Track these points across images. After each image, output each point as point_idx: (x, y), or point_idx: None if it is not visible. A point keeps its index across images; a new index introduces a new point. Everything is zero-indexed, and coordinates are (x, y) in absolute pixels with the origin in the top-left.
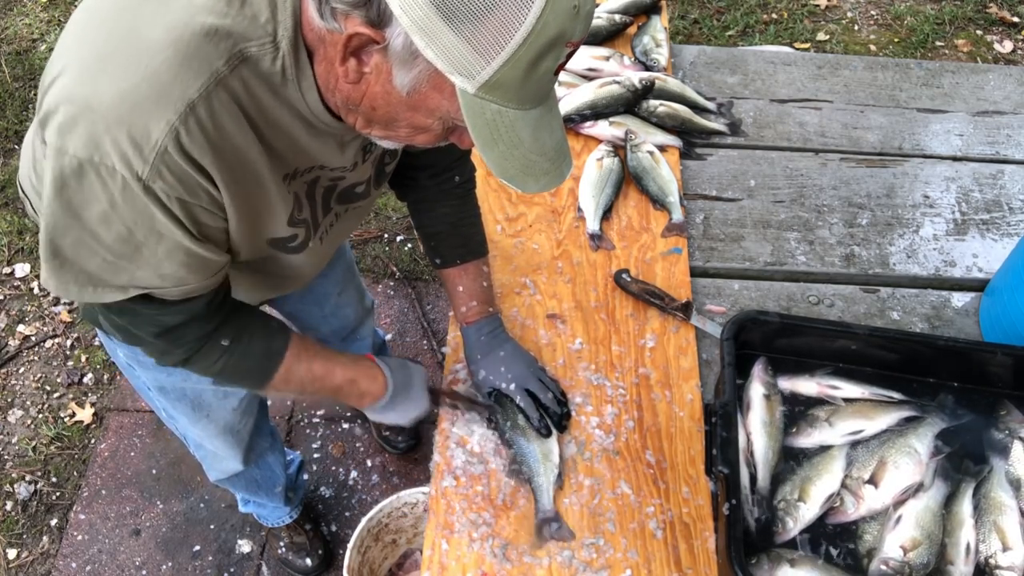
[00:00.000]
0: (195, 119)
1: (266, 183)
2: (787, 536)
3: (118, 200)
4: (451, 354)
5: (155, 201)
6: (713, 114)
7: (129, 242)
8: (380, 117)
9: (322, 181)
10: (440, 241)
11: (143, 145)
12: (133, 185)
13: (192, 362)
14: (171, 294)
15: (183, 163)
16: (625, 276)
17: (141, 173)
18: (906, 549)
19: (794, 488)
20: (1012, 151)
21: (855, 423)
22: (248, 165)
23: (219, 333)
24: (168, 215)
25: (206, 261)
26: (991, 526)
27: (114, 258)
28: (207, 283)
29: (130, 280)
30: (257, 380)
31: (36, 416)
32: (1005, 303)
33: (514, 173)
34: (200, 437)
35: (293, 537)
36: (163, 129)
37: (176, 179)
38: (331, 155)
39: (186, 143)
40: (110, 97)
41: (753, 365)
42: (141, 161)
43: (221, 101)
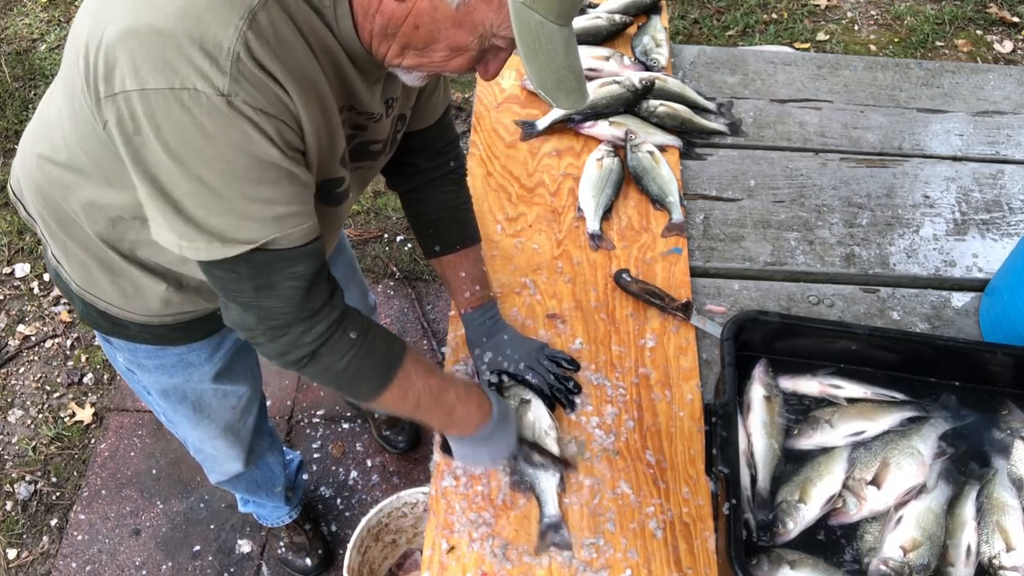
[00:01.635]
0: (259, 26)
1: (330, 111)
2: (787, 537)
3: (209, 127)
4: (451, 354)
5: (242, 117)
6: (713, 114)
7: (234, 180)
8: (420, 37)
9: (346, 127)
10: (440, 228)
11: (217, 56)
12: (218, 103)
13: (319, 356)
14: (294, 237)
15: (257, 70)
16: (625, 276)
17: (223, 87)
18: (906, 550)
19: (795, 489)
20: (1012, 151)
21: (857, 424)
22: (314, 86)
23: (347, 324)
24: (260, 133)
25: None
26: (994, 526)
27: (228, 206)
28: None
29: (251, 233)
30: (376, 385)
31: (36, 416)
32: (1005, 303)
33: (550, 86)
34: (200, 440)
35: (293, 537)
36: (232, 35)
37: (256, 88)
38: (364, 95)
39: (255, 49)
40: (173, 15)
41: (753, 365)
42: (219, 73)
43: (279, 12)
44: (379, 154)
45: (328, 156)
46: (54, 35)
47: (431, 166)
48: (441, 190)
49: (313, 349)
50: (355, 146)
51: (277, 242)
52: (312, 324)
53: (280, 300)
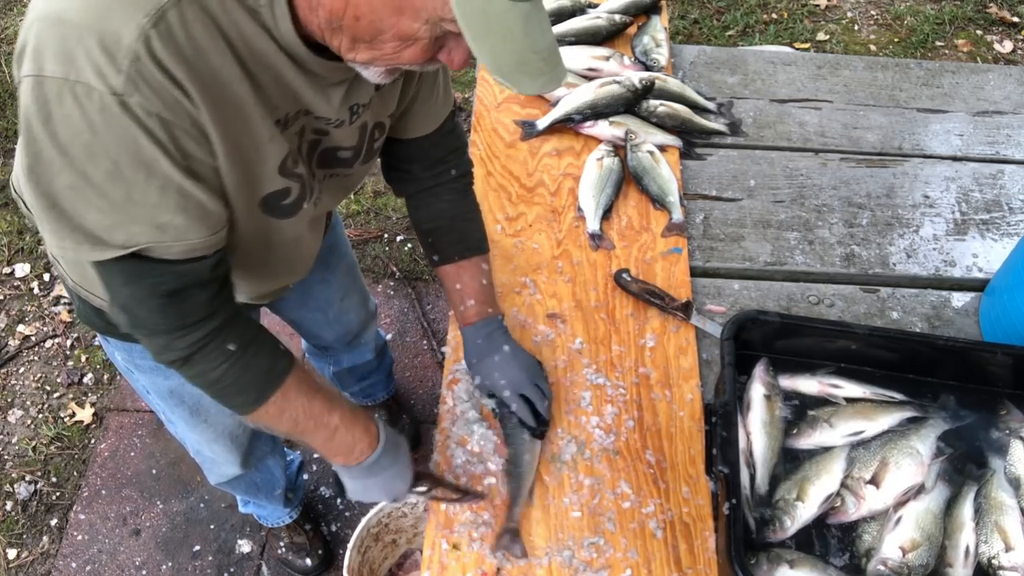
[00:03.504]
0: (166, 25)
1: (253, 120)
2: (784, 535)
3: (98, 124)
4: (451, 354)
5: (135, 120)
6: (713, 114)
7: (119, 180)
8: (364, 28)
9: (306, 134)
10: (438, 237)
11: (115, 52)
12: (110, 103)
13: (192, 362)
14: (173, 251)
15: (158, 73)
16: (625, 276)
17: (117, 87)
18: (905, 550)
19: (793, 488)
20: (1012, 151)
21: (856, 424)
22: (230, 94)
23: (226, 335)
24: (150, 137)
25: (204, 208)
26: (992, 526)
27: (108, 205)
28: (209, 240)
29: (127, 237)
30: (252, 399)
31: (36, 416)
32: (1005, 303)
33: (508, 70)
34: (198, 442)
35: (293, 537)
36: (134, 33)
37: (153, 91)
38: (316, 100)
39: (158, 49)
40: (81, 6)
41: (754, 365)
42: (115, 71)
43: (194, 13)
44: (353, 161)
45: (254, 166)
46: None
47: (428, 175)
48: (440, 199)
49: (186, 355)
50: (322, 152)
51: (152, 251)
52: (186, 332)
53: (150, 312)
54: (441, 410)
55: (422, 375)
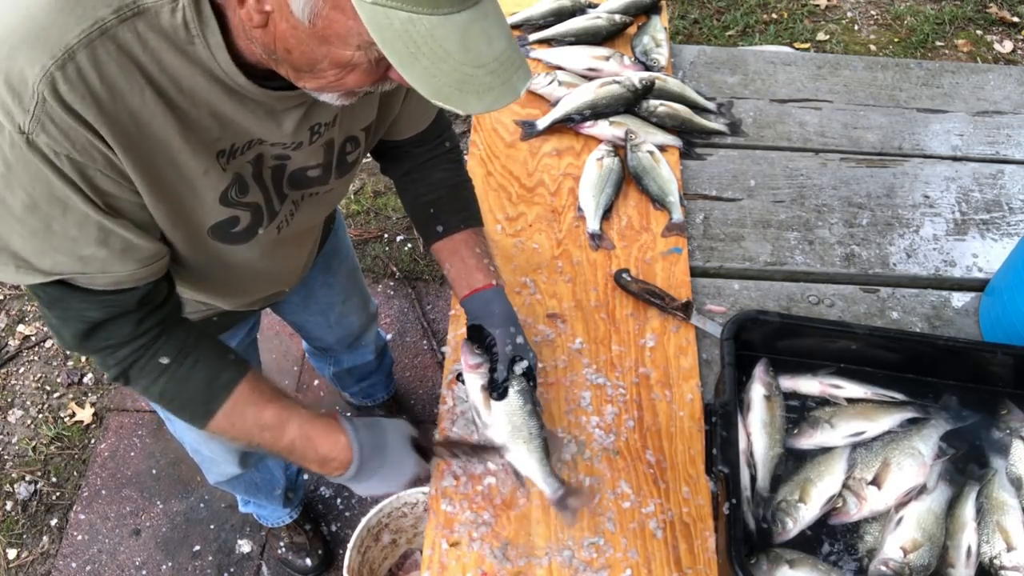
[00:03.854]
0: (75, 67)
1: (180, 156)
2: (786, 536)
3: (11, 161)
4: (451, 354)
5: (43, 160)
6: (713, 114)
7: (36, 213)
8: (299, 60)
9: (267, 161)
10: (440, 206)
11: (22, 92)
12: (18, 141)
13: (132, 379)
14: (97, 281)
15: (65, 115)
16: (625, 276)
17: (23, 125)
18: (906, 550)
19: (794, 489)
20: (1012, 151)
21: (857, 424)
22: (150, 133)
23: (157, 348)
24: (61, 177)
25: (128, 243)
26: (994, 526)
27: (30, 234)
28: (137, 273)
29: (52, 265)
30: (199, 413)
31: (36, 416)
32: (1005, 303)
33: (448, 91)
34: (196, 440)
35: (293, 537)
36: (38, 74)
37: (61, 133)
38: (266, 128)
39: (64, 91)
40: None
41: (754, 365)
42: (22, 111)
43: (109, 53)
44: (326, 177)
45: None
46: None
47: (423, 150)
48: (438, 169)
49: (121, 371)
50: (291, 175)
51: (77, 280)
52: (115, 350)
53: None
54: (441, 410)
55: (422, 375)
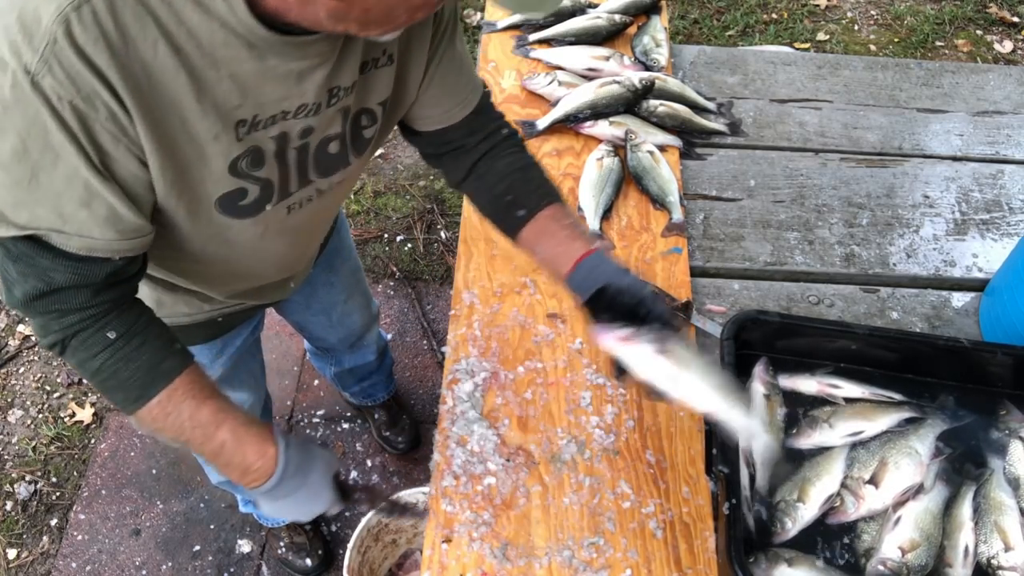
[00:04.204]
0: (90, 9)
1: (191, 117)
2: (785, 536)
3: (8, 99)
4: (451, 354)
5: (45, 102)
6: (713, 114)
7: (25, 160)
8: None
9: (292, 139)
10: (517, 190)
11: (34, 31)
12: (22, 80)
13: (70, 349)
14: (72, 244)
15: (75, 58)
16: None
17: (30, 65)
18: (904, 550)
19: (793, 488)
20: (1012, 151)
21: (855, 424)
22: (162, 88)
23: (107, 321)
24: (61, 125)
25: (112, 210)
26: (992, 526)
27: (12, 183)
28: (114, 244)
29: (29, 219)
30: (132, 397)
31: (36, 416)
32: (1005, 303)
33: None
34: None
35: (293, 537)
36: (53, 13)
37: (68, 77)
38: (287, 88)
39: (78, 33)
40: None
41: (754, 365)
42: (31, 50)
43: (126, 2)
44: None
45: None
46: None
47: (480, 140)
48: (502, 156)
49: (61, 339)
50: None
51: (51, 238)
52: (62, 315)
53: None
54: (441, 410)
55: (422, 375)
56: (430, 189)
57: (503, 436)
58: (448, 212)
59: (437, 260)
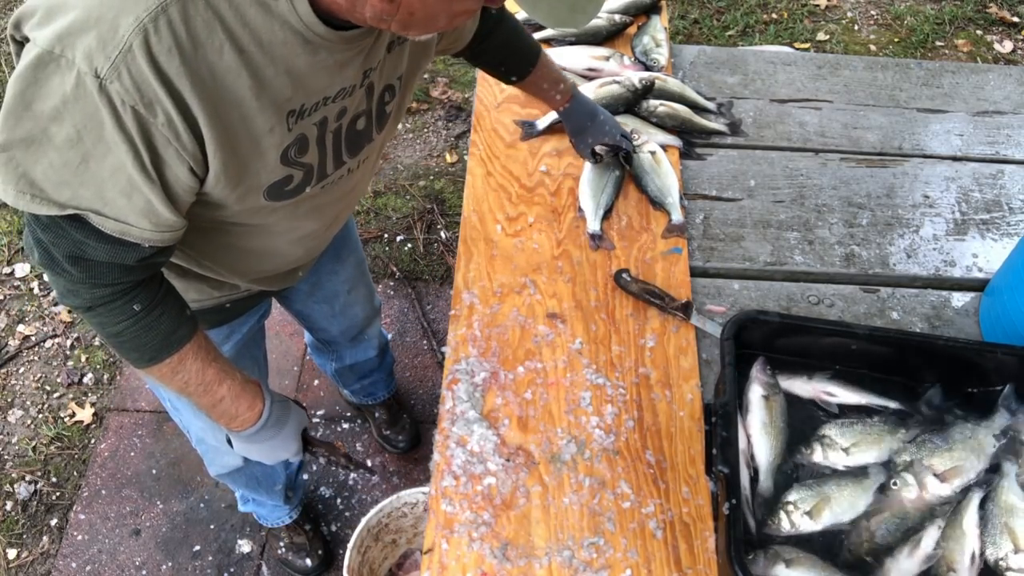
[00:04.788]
0: (167, 20)
1: (251, 113)
2: (776, 534)
3: (70, 97)
4: (451, 354)
5: (108, 104)
6: (713, 114)
7: (77, 148)
8: (417, 21)
9: (330, 123)
10: (507, 64)
11: (108, 40)
12: (89, 82)
13: (94, 312)
14: (108, 226)
15: (146, 67)
16: (625, 276)
17: (100, 70)
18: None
19: (810, 500)
20: (1012, 151)
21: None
22: (225, 88)
23: (134, 295)
24: (118, 125)
25: (150, 206)
26: (1002, 528)
27: (61, 164)
28: (148, 235)
29: (71, 197)
30: (146, 357)
31: (36, 416)
32: (1005, 303)
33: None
34: (202, 430)
35: (293, 537)
36: (131, 24)
37: (135, 84)
38: (331, 77)
39: (154, 44)
40: None
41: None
42: (103, 57)
43: (197, 9)
44: (369, 135)
45: (252, 159)
46: None
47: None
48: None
49: (89, 305)
50: (347, 136)
51: (90, 218)
52: (92, 287)
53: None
54: (441, 410)
55: (422, 375)
56: (430, 189)
57: (503, 436)
58: (448, 212)
59: (437, 260)
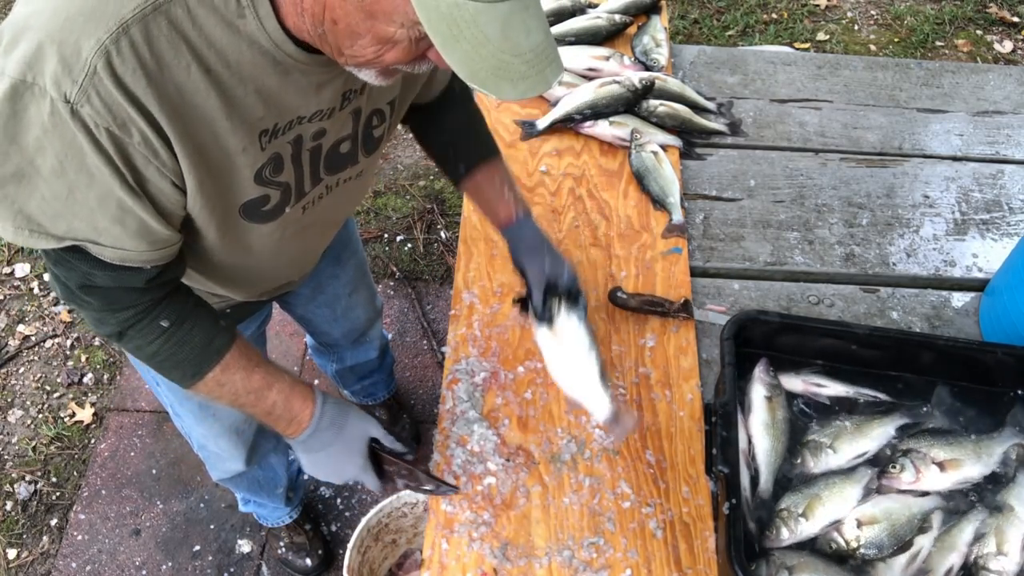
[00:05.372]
0: (128, 41)
1: (222, 132)
2: (778, 544)
3: (48, 126)
4: (451, 354)
5: (82, 129)
6: (713, 114)
7: (62, 179)
8: (343, 32)
9: (306, 141)
10: (458, 147)
11: (73, 64)
12: (61, 109)
13: (127, 338)
14: (106, 255)
15: (114, 88)
16: (621, 295)
17: (69, 95)
18: (861, 522)
19: (801, 501)
20: (1012, 151)
21: (858, 446)
22: (194, 107)
23: (159, 312)
24: (97, 149)
25: (144, 226)
26: (993, 529)
27: (52, 197)
28: (147, 256)
29: (67, 230)
30: (189, 374)
31: (36, 416)
32: (1005, 303)
33: (485, 76)
34: (204, 437)
35: (293, 537)
36: (93, 47)
37: (105, 106)
38: (306, 98)
39: (117, 65)
40: (47, 13)
41: (753, 364)
42: (70, 81)
43: (160, 29)
44: (355, 155)
45: (226, 177)
46: None
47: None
48: (449, 111)
49: (119, 331)
50: (326, 157)
51: (89, 248)
52: (115, 312)
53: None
54: (441, 410)
55: (422, 375)
56: (430, 189)
57: (503, 436)
58: (448, 212)
59: (437, 260)
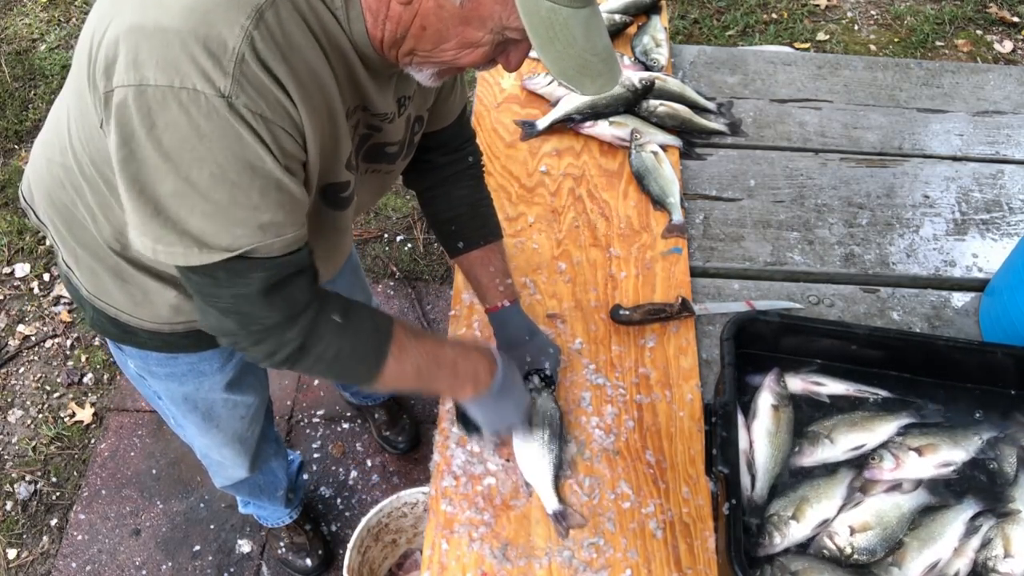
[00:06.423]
0: (266, 24)
1: (337, 114)
2: (772, 550)
3: (204, 128)
4: None
5: (241, 121)
6: (713, 114)
7: (223, 183)
8: (428, 38)
9: (360, 128)
10: (461, 224)
11: (220, 55)
12: (217, 105)
13: (308, 348)
14: (273, 248)
15: (261, 73)
16: (623, 312)
17: (224, 89)
18: (854, 529)
19: (789, 505)
20: (1012, 151)
21: (856, 437)
22: (321, 87)
23: (327, 307)
24: (256, 138)
25: (296, 200)
26: (998, 531)
27: (212, 209)
28: (301, 232)
29: (231, 240)
30: (375, 359)
31: (36, 416)
32: (1005, 303)
33: (572, 73)
34: (208, 447)
35: (293, 537)
36: (238, 35)
37: (257, 92)
38: (376, 96)
39: (261, 49)
40: (179, 13)
41: (753, 365)
42: (221, 74)
43: (288, 11)
44: (396, 156)
45: (331, 159)
46: (54, 35)
47: (448, 161)
48: (459, 186)
49: (300, 343)
50: (369, 147)
51: (257, 251)
52: (296, 320)
53: (258, 307)
54: (441, 410)
55: None
56: None
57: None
58: None
59: (437, 260)
